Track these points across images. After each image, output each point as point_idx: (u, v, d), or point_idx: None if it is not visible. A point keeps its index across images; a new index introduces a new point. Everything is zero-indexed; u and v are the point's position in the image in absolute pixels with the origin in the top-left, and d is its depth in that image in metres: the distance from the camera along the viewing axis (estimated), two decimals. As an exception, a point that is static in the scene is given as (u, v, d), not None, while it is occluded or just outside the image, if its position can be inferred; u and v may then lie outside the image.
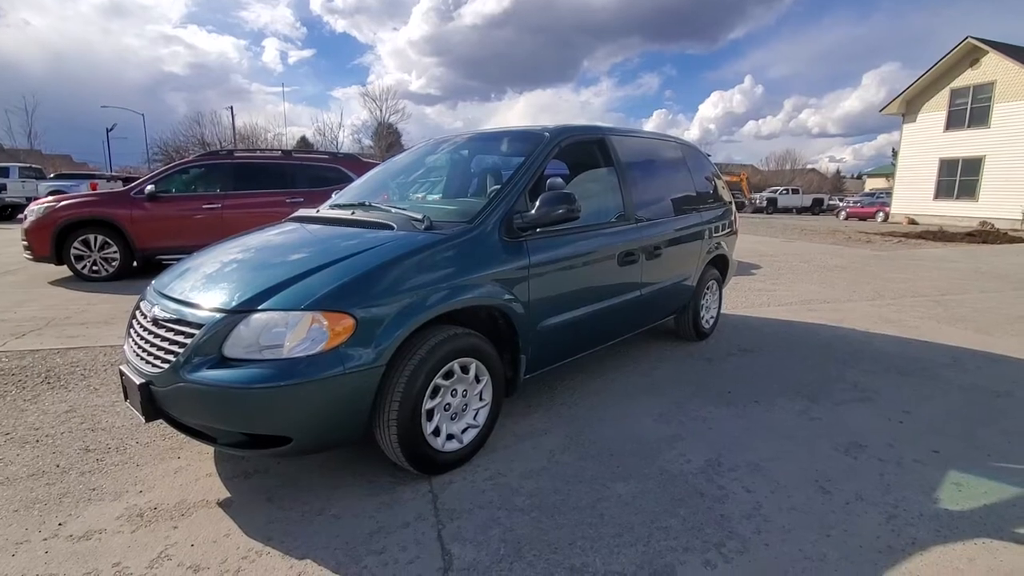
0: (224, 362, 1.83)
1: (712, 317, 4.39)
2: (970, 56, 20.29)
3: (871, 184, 46.62)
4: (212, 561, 1.72)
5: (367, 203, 2.83)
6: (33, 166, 21.99)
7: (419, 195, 3.12)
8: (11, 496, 2.07)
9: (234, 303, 1.91)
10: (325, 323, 1.83)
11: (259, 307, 1.87)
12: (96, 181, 18.94)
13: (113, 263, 6.81)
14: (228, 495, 2.09)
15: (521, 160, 2.64)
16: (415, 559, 1.73)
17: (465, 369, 2.23)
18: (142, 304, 2.28)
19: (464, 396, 2.26)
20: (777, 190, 34.58)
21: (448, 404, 2.20)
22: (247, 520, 1.93)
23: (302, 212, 2.91)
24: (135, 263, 6.92)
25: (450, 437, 2.23)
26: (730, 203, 4.62)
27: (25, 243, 6.83)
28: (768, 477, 2.23)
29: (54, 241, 6.70)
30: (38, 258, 6.79)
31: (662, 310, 3.69)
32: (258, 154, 8.29)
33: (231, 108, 58.36)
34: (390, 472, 2.22)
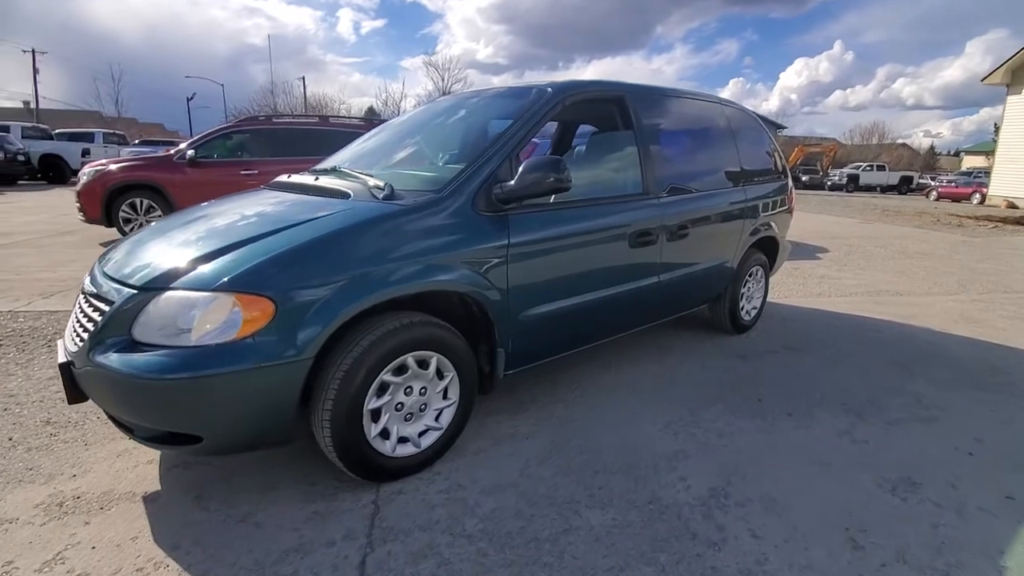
0: (134, 346, 1.61)
1: (755, 308, 3.85)
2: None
3: (969, 162, 41.82)
4: (104, 571, 1.52)
5: (338, 168, 2.53)
6: (116, 132, 23.29)
7: (404, 159, 2.78)
8: (-55, 472, 1.97)
9: (146, 279, 1.67)
10: (239, 307, 1.56)
11: (171, 285, 1.62)
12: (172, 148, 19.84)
13: (156, 226, 6.94)
14: (158, 488, 1.91)
15: (511, 121, 2.25)
16: (325, 591, 1.46)
17: (423, 364, 1.91)
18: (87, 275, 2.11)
19: (422, 394, 1.95)
20: (860, 166, 31.65)
21: (400, 403, 1.90)
22: (164, 521, 1.73)
23: (280, 178, 2.65)
24: (176, 227, 7.02)
25: (403, 440, 1.94)
26: (785, 177, 4.01)
27: (78, 205, 7.07)
28: (784, 518, 1.80)
29: (104, 204, 6.89)
30: (90, 220, 7.01)
31: (688, 299, 3.23)
32: (298, 120, 8.22)
33: (303, 78, 59.88)
34: (336, 474, 1.96)
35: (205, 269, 1.64)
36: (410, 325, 1.83)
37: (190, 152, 6.97)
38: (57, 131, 20.34)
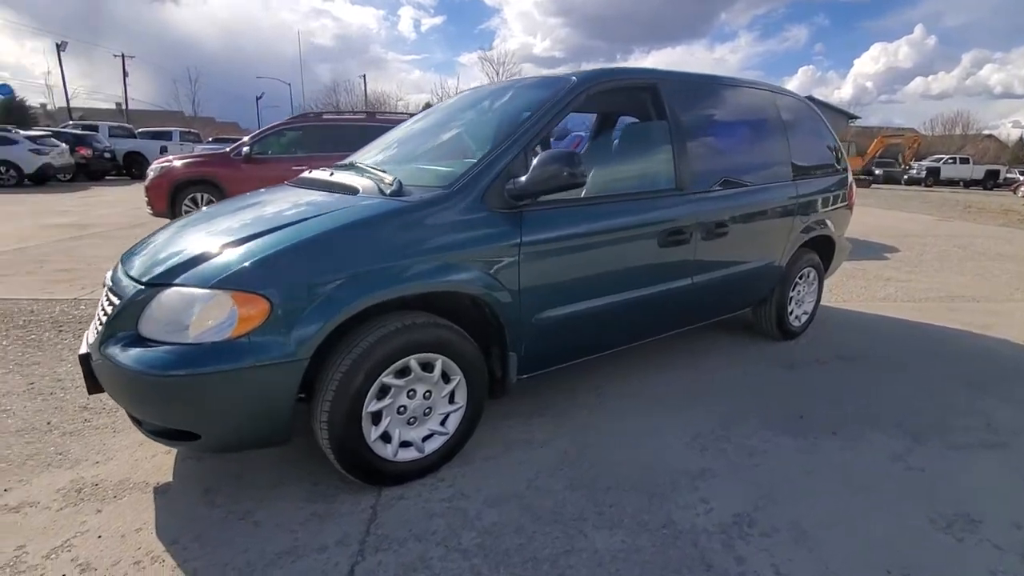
0: (140, 341, 1.62)
1: (805, 313, 3.57)
2: None
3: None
4: (104, 561, 1.54)
5: (356, 163, 2.50)
6: (192, 131, 24.72)
7: (429, 152, 2.71)
8: (-15, 453, 2.08)
9: (152, 274, 1.68)
10: (234, 305, 1.54)
11: (174, 281, 1.63)
12: (243, 145, 20.94)
13: (215, 221, 7.27)
14: (170, 479, 1.94)
15: (529, 113, 2.14)
16: (310, 599, 1.43)
17: (427, 367, 1.85)
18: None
19: (427, 398, 1.89)
20: (941, 159, 29.18)
21: (403, 407, 1.84)
22: (169, 513, 1.75)
23: (303, 174, 2.66)
24: (232, 221, 7.33)
25: (406, 445, 1.88)
26: (844, 171, 3.68)
27: (146, 199, 7.50)
28: (816, 553, 1.61)
29: (169, 198, 7.28)
30: (157, 213, 7.41)
31: (727, 303, 3.01)
32: (346, 116, 8.40)
33: (363, 76, 61.76)
34: (340, 476, 1.92)
35: (207, 266, 1.64)
36: (412, 327, 1.77)
37: (245, 149, 7.25)
38: (140, 130, 21.78)
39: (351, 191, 2.03)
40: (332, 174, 2.33)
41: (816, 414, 2.50)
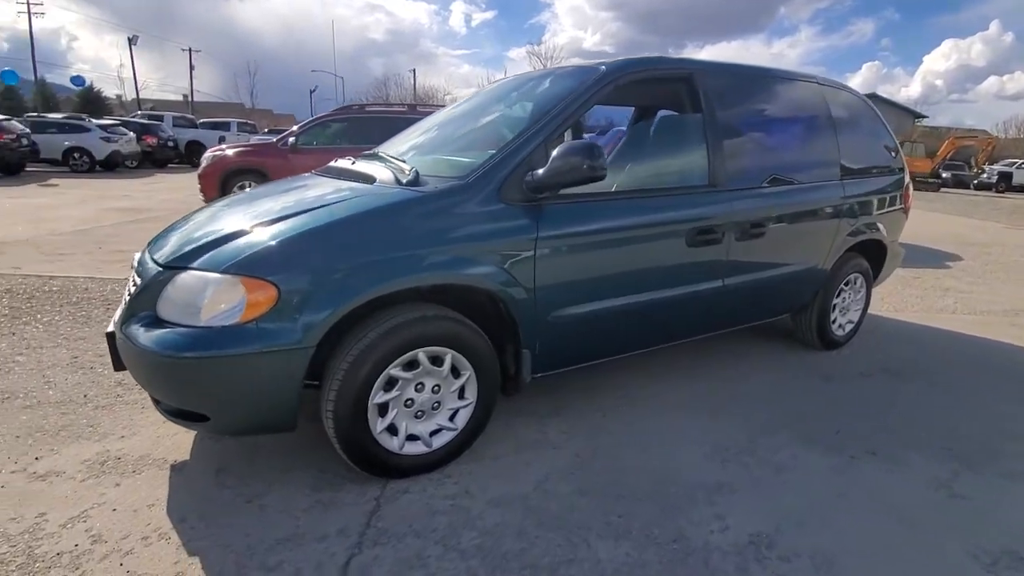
0: (157, 322, 1.66)
1: (850, 322, 3.35)
2: None
3: None
4: (115, 535, 1.59)
5: (379, 153, 2.49)
6: (248, 121, 25.72)
7: (457, 143, 2.67)
8: (24, 422, 2.18)
9: (171, 257, 1.72)
10: (244, 290, 1.55)
11: (189, 265, 1.66)
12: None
13: (262, 208, 7.52)
14: (187, 458, 1.99)
15: (552, 104, 2.07)
16: (303, 588, 1.42)
17: (436, 360, 1.82)
18: (144, 250, 2.25)
19: (435, 392, 1.86)
20: (1014, 163, 27.03)
21: (410, 400, 1.82)
22: (181, 491, 1.80)
23: (329, 164, 2.68)
24: (279, 209, 7.58)
25: (413, 438, 1.86)
26: (900, 172, 3.43)
27: (199, 186, 7.84)
28: (837, 581, 1.50)
29: (220, 186, 7.58)
30: (208, 200, 7.75)
31: (761, 308, 2.85)
32: (389, 108, 8.52)
33: (413, 71, 62.74)
34: (348, 465, 1.92)
35: (221, 251, 1.66)
36: (422, 319, 1.74)
37: (292, 139, 7.47)
38: (200, 121, 22.81)
39: (369, 180, 2.02)
40: (353, 163, 2.34)
41: (854, 431, 2.33)
